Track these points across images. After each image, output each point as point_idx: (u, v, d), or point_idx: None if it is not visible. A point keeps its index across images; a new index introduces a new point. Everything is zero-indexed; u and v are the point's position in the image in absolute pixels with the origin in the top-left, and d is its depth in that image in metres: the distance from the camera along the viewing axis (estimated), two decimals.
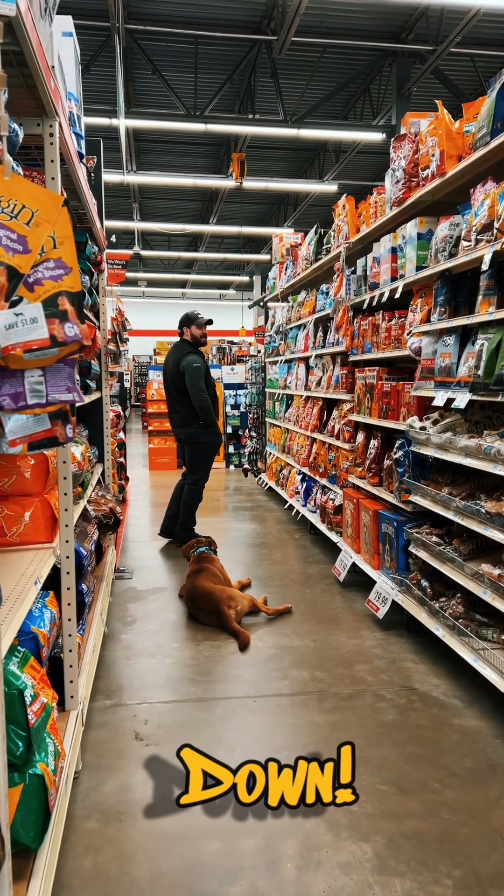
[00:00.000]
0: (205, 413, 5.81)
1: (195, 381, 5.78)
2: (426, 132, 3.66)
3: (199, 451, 6.01)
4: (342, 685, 3.35)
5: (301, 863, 2.15)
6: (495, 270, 2.97)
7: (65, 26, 3.09)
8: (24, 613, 1.75)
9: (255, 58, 10.52)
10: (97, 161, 4.68)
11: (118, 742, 2.86)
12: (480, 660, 2.99)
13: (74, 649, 2.59)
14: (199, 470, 6.06)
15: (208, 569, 4.46)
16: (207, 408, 5.81)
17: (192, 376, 5.78)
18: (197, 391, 5.78)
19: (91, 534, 3.57)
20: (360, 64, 10.83)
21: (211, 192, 17.34)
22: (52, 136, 2.34)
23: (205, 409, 5.80)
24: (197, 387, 5.77)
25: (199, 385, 5.78)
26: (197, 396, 5.77)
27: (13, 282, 1.44)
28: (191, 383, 5.78)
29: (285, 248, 8.55)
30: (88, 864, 2.15)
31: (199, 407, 5.80)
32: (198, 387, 5.78)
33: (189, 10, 9.44)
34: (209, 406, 5.82)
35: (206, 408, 5.80)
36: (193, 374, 5.78)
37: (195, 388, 5.77)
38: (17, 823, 1.71)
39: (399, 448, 3.94)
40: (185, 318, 6.16)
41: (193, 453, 6.04)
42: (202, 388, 5.79)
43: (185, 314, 6.19)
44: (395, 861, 2.15)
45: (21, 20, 1.67)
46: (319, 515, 5.94)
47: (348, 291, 5.21)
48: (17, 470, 2.42)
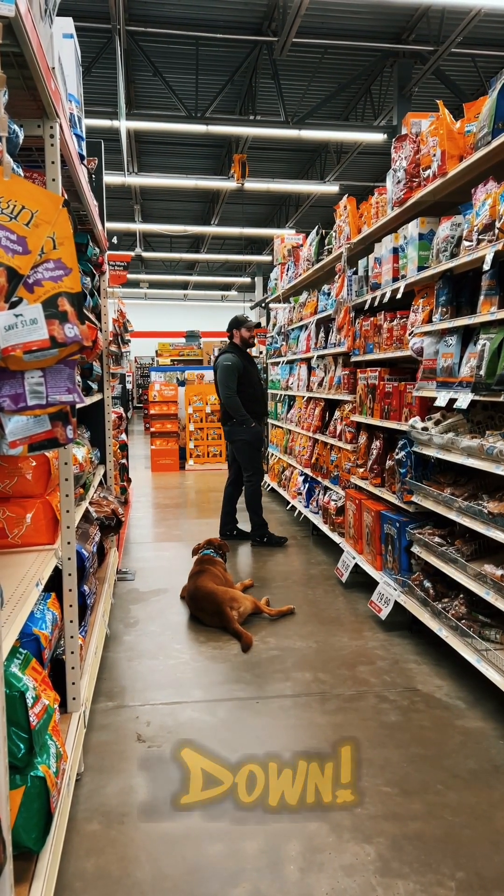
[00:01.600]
0: (232, 410, 6.01)
1: (223, 379, 6.04)
2: (427, 132, 3.66)
3: (240, 448, 6.18)
4: (345, 686, 3.34)
5: (304, 865, 2.14)
6: (497, 270, 2.96)
7: (65, 28, 3.09)
8: (25, 615, 1.75)
9: (256, 59, 10.52)
10: (98, 163, 4.68)
11: (120, 744, 2.85)
12: (483, 661, 2.98)
13: (76, 651, 2.58)
14: (249, 467, 6.19)
15: (210, 570, 4.46)
16: (233, 404, 6.00)
17: (222, 373, 6.05)
18: (224, 388, 6.05)
19: (93, 535, 3.57)
20: (361, 65, 10.83)
21: (212, 194, 17.34)
22: (53, 137, 2.34)
23: (232, 406, 6.01)
24: (224, 384, 6.04)
25: (226, 383, 6.03)
26: (223, 393, 6.05)
27: (13, 283, 1.44)
28: (219, 380, 6.08)
29: (287, 250, 8.55)
30: (90, 866, 2.15)
31: (225, 404, 6.06)
32: (225, 384, 6.03)
33: (190, 12, 9.44)
34: (236, 403, 5.99)
35: (231, 404, 6.00)
36: (223, 372, 6.04)
37: (223, 385, 6.05)
38: (18, 826, 1.71)
39: (401, 449, 3.93)
40: (234, 321, 6.36)
41: (237, 451, 6.23)
42: (229, 386, 6.02)
43: (233, 317, 6.40)
44: (398, 863, 2.14)
45: (21, 21, 1.67)
46: (321, 516, 5.93)
47: (350, 292, 5.20)
48: (18, 471, 2.41)
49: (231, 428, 6.11)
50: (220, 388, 6.07)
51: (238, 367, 6.02)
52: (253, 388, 6.16)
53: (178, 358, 20.25)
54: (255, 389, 6.21)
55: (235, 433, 6.10)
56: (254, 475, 6.18)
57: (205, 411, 11.61)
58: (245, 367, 6.10)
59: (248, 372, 6.13)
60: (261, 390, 6.35)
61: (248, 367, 6.14)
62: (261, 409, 6.37)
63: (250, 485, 6.17)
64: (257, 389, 6.24)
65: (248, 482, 6.17)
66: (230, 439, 6.23)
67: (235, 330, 6.29)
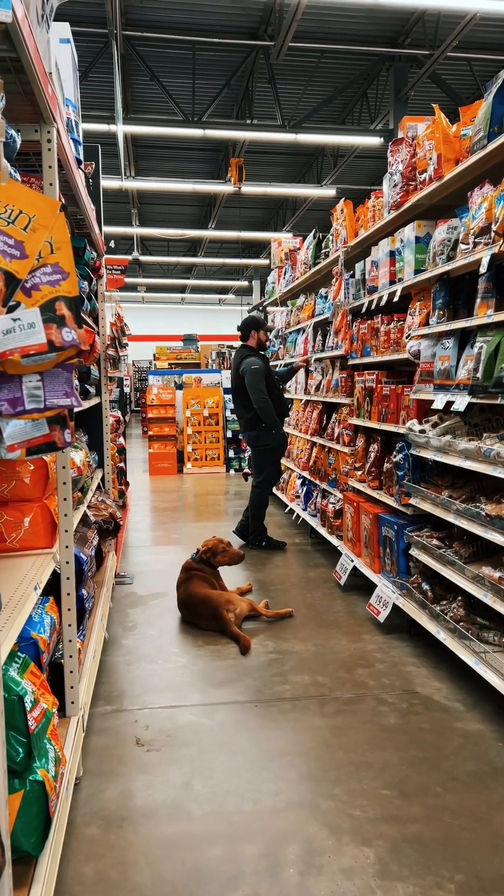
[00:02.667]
0: (265, 414, 5.85)
1: (254, 383, 5.84)
2: (423, 136, 3.67)
3: (262, 453, 6.07)
4: (343, 689, 3.34)
5: (303, 868, 2.14)
6: (493, 273, 2.97)
7: (62, 33, 3.10)
8: (23, 619, 1.75)
9: (253, 63, 10.56)
10: (95, 167, 4.69)
11: (119, 748, 2.85)
12: (482, 663, 2.98)
13: (75, 655, 2.58)
14: (264, 472, 6.11)
15: (197, 575, 4.40)
16: (268, 409, 5.85)
17: (252, 378, 5.84)
18: (256, 392, 5.83)
19: (91, 539, 3.57)
20: (358, 69, 10.87)
21: (209, 198, 17.38)
22: (50, 142, 2.35)
23: (265, 411, 5.84)
24: (256, 388, 5.83)
25: (258, 387, 5.83)
26: (257, 398, 5.83)
27: (10, 287, 1.44)
28: (250, 385, 5.86)
29: (284, 253, 8.57)
30: (90, 870, 2.14)
31: (259, 409, 5.85)
32: (257, 388, 5.83)
33: (187, 17, 9.48)
34: (270, 407, 5.85)
35: (265, 409, 5.84)
36: (252, 376, 5.85)
37: (254, 389, 5.84)
38: (17, 830, 1.71)
39: (399, 451, 3.94)
40: (253, 321, 6.23)
41: (257, 455, 6.11)
42: (262, 390, 5.84)
43: (251, 318, 6.28)
44: (398, 866, 2.14)
45: (18, 26, 1.67)
46: (320, 519, 5.93)
47: (347, 295, 5.22)
48: (16, 475, 2.41)
49: (259, 433, 5.97)
50: (253, 393, 5.82)
51: (264, 369, 5.90)
52: (276, 391, 6.06)
53: (176, 361, 20.28)
54: (277, 392, 6.11)
55: (263, 439, 5.97)
56: (265, 482, 6.11)
57: (203, 415, 11.62)
58: (269, 370, 6.01)
59: (270, 374, 6.03)
60: (280, 392, 6.21)
61: (269, 370, 6.04)
62: (284, 412, 6.24)
63: (259, 491, 6.10)
64: (278, 392, 6.13)
65: (258, 488, 6.10)
66: (255, 445, 6.06)
67: (254, 331, 6.15)
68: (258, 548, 6.09)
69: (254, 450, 6.14)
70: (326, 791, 2.52)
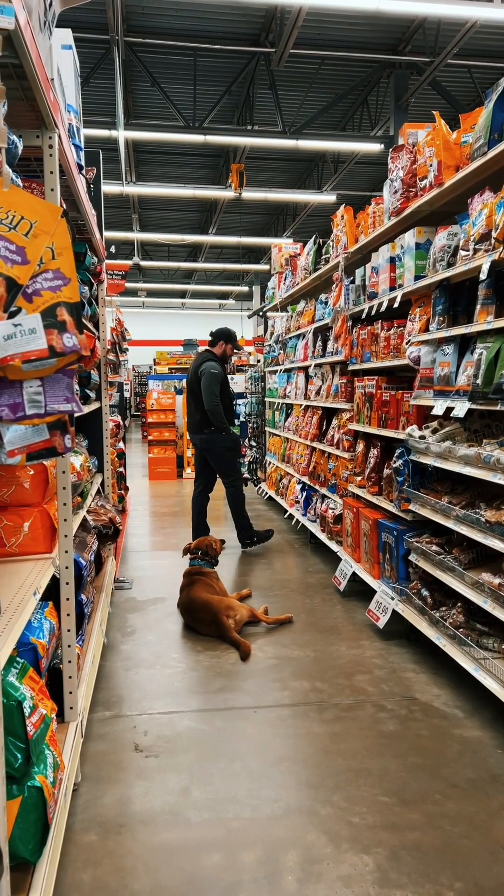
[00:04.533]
0: (214, 416, 5.91)
1: (209, 386, 5.92)
2: (424, 143, 3.68)
3: (221, 455, 6.11)
4: (342, 695, 3.33)
5: (302, 875, 2.13)
6: (493, 280, 2.98)
7: (64, 39, 3.11)
8: (22, 624, 1.75)
9: (254, 69, 10.59)
10: (96, 172, 4.71)
11: (118, 753, 2.84)
12: (481, 669, 2.98)
13: (74, 660, 2.58)
14: (231, 472, 6.18)
15: (201, 580, 4.43)
16: (218, 411, 5.91)
17: (208, 381, 5.93)
18: (210, 395, 5.90)
19: (90, 544, 3.57)
20: (358, 75, 10.91)
21: (210, 203, 17.43)
22: (52, 147, 2.36)
23: (214, 413, 5.90)
24: (210, 391, 5.91)
25: (212, 390, 5.91)
26: (209, 400, 5.90)
27: (12, 293, 1.44)
28: (205, 387, 5.94)
29: (284, 259, 8.58)
30: (88, 877, 2.14)
31: (210, 410, 5.90)
32: (211, 391, 5.91)
33: (188, 23, 9.51)
34: (220, 410, 5.93)
35: (216, 411, 5.90)
36: (210, 379, 5.93)
37: (208, 391, 5.91)
38: (15, 836, 1.70)
39: (398, 457, 3.94)
40: (226, 333, 6.33)
41: (216, 459, 6.14)
42: (215, 394, 5.91)
43: (226, 329, 6.37)
44: (397, 873, 2.13)
45: (20, 33, 1.68)
46: (319, 525, 5.93)
47: (347, 301, 5.22)
48: (16, 480, 2.41)
49: (210, 436, 6.02)
50: (206, 394, 5.91)
51: (221, 376, 6.04)
52: (228, 399, 6.21)
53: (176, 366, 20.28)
54: (230, 400, 6.27)
55: (217, 441, 6.03)
56: (236, 479, 6.20)
57: None
58: (225, 378, 6.15)
59: (226, 382, 6.18)
60: (230, 402, 6.34)
61: (226, 378, 6.18)
62: (232, 419, 6.35)
63: (234, 489, 6.15)
64: (229, 400, 6.28)
65: (233, 487, 6.16)
66: (208, 447, 6.09)
67: (223, 342, 6.27)
68: (252, 545, 6.21)
69: (210, 454, 6.15)
70: (325, 798, 2.52)
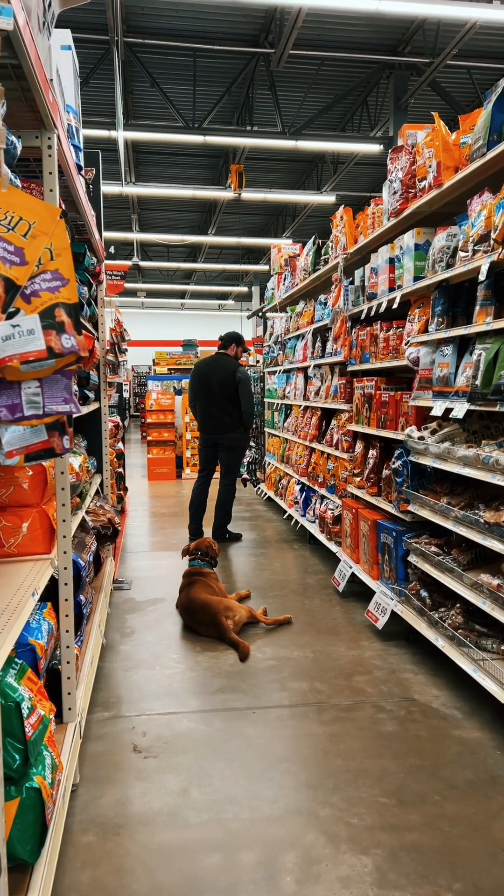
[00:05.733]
0: (250, 420, 6.46)
1: (249, 391, 6.42)
2: (423, 144, 3.68)
3: (238, 454, 6.62)
4: (341, 696, 3.33)
5: (300, 876, 2.13)
6: (492, 281, 2.98)
7: (63, 40, 3.11)
8: (21, 625, 1.75)
9: (254, 70, 10.60)
10: (96, 173, 4.70)
11: (116, 754, 2.84)
12: (480, 670, 2.98)
13: (72, 661, 2.57)
14: (235, 469, 6.67)
15: (200, 581, 4.43)
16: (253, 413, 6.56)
17: (248, 386, 6.43)
18: (251, 399, 6.44)
19: (89, 545, 3.56)
20: (358, 76, 10.92)
21: (209, 204, 17.43)
22: (51, 148, 2.36)
23: (252, 416, 6.49)
24: (251, 395, 6.45)
25: (251, 393, 6.47)
26: (250, 404, 6.42)
27: (10, 293, 1.44)
28: (246, 391, 6.40)
29: (284, 259, 8.58)
30: (86, 878, 2.13)
31: (250, 413, 6.42)
32: (251, 395, 6.45)
33: (187, 24, 9.52)
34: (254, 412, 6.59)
35: (252, 415, 6.51)
36: (248, 384, 6.44)
37: (249, 396, 6.40)
38: (13, 837, 1.70)
39: (398, 458, 3.94)
40: (238, 337, 6.76)
41: (232, 456, 6.59)
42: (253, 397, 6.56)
43: (234, 333, 6.80)
44: (395, 874, 2.13)
45: (19, 34, 1.68)
46: (318, 525, 5.93)
47: (346, 302, 5.22)
48: (14, 481, 2.41)
49: (239, 435, 6.47)
50: (247, 397, 6.35)
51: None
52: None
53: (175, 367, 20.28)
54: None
55: (242, 440, 6.52)
56: (236, 477, 6.68)
57: None
58: None
59: None
60: None
61: None
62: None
63: (232, 486, 6.59)
64: None
65: (231, 483, 6.58)
66: (233, 446, 6.50)
67: (235, 345, 6.67)
68: (223, 540, 6.53)
69: (229, 452, 6.54)
70: (324, 799, 2.51)
